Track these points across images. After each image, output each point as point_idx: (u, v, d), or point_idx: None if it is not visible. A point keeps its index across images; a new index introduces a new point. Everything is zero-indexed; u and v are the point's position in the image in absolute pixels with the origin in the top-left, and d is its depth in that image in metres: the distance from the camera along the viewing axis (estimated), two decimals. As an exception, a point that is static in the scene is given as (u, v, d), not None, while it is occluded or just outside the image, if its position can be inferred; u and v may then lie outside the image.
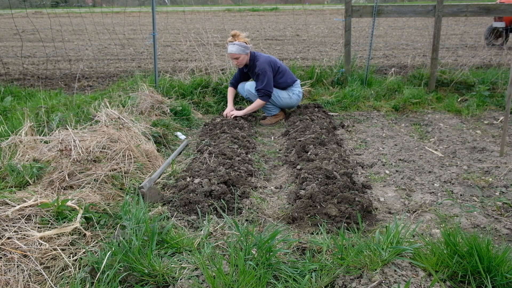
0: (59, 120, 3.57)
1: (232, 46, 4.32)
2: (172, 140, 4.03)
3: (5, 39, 14.04)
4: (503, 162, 3.32)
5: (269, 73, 4.40)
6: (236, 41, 4.31)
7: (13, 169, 2.71)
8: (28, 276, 1.80)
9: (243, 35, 4.39)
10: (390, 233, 1.95)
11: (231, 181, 2.86)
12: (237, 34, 4.35)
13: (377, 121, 4.67)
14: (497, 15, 5.67)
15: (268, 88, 4.40)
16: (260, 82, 4.40)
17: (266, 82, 4.38)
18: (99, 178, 2.68)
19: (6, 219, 2.06)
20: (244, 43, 4.34)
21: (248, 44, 4.38)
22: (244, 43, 4.33)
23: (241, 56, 4.38)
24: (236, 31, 4.38)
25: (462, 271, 1.79)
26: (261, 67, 4.38)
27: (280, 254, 2.01)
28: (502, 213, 2.54)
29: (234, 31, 4.38)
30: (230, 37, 4.36)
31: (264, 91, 4.40)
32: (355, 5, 5.48)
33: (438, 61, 5.58)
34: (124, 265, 1.85)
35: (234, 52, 4.34)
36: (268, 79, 4.39)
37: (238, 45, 4.30)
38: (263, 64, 4.39)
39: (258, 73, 4.39)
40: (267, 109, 4.72)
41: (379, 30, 14.32)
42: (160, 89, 5.17)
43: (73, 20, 15.95)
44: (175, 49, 11.73)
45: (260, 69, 4.37)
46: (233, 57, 4.41)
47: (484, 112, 4.92)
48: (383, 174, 3.20)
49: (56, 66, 8.71)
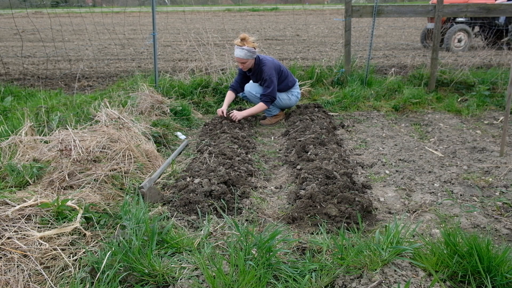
0: (59, 120, 3.57)
1: (241, 51, 4.26)
2: (172, 140, 4.03)
3: (5, 39, 14.04)
4: (503, 162, 3.32)
5: (275, 79, 4.42)
6: (245, 46, 4.25)
7: (13, 169, 2.71)
8: (28, 276, 1.80)
9: (252, 39, 4.33)
10: (390, 233, 1.95)
11: (231, 181, 2.86)
12: (246, 38, 4.28)
13: (377, 121, 4.67)
14: (497, 15, 5.67)
15: (274, 95, 4.42)
16: (267, 88, 4.39)
17: (272, 89, 4.39)
18: (99, 178, 2.68)
19: (6, 219, 2.06)
20: (253, 48, 4.29)
21: (255, 49, 4.34)
22: (252, 48, 4.28)
23: (248, 61, 4.36)
24: (245, 35, 4.30)
25: (462, 271, 1.79)
26: (268, 73, 4.37)
27: (280, 254, 2.01)
28: (502, 213, 2.54)
29: (244, 35, 4.30)
30: (239, 40, 4.28)
31: (270, 97, 4.41)
32: (355, 5, 5.48)
33: (438, 61, 5.59)
34: (124, 265, 1.85)
35: (242, 57, 4.30)
36: (274, 85, 4.41)
37: (247, 50, 4.25)
38: (270, 70, 4.38)
39: (266, 78, 4.38)
40: (268, 110, 4.73)
41: (379, 30, 14.32)
42: (160, 89, 5.17)
43: (73, 20, 15.94)
44: (175, 49, 11.72)
45: (267, 75, 4.37)
46: (240, 61, 4.36)
47: (484, 112, 4.92)
48: (383, 174, 3.20)
49: (56, 66, 8.72)
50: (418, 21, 14.93)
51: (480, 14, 5.38)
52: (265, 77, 4.38)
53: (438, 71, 5.64)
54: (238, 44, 4.29)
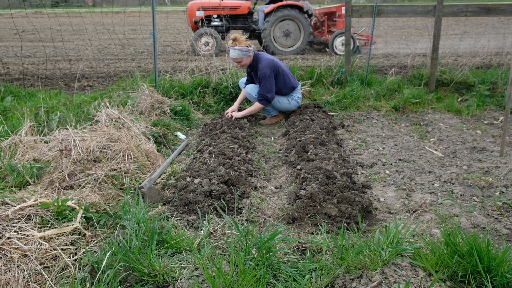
0: (59, 120, 3.57)
1: (233, 51, 4.31)
2: (172, 140, 4.03)
3: (5, 39, 14.05)
4: (503, 162, 3.32)
5: (270, 78, 4.40)
6: (237, 46, 4.30)
7: (13, 169, 2.71)
8: (28, 276, 1.80)
9: (243, 38, 4.36)
10: (390, 233, 1.95)
11: (231, 181, 2.86)
12: (237, 38, 4.32)
13: (377, 121, 4.67)
14: (497, 15, 5.66)
15: (268, 93, 4.41)
16: (263, 87, 4.41)
17: (267, 87, 4.39)
18: (99, 178, 2.68)
19: (6, 219, 2.06)
20: (245, 46, 4.32)
21: (249, 47, 4.35)
22: (245, 47, 4.30)
23: (243, 60, 4.37)
24: (236, 35, 4.34)
25: (462, 271, 1.79)
26: (262, 71, 4.38)
27: (280, 254, 2.01)
28: (502, 213, 2.54)
29: (234, 35, 4.34)
30: (231, 41, 4.34)
31: (263, 95, 4.41)
32: (355, 5, 5.48)
33: (438, 61, 5.58)
34: (124, 265, 1.84)
35: (235, 57, 4.35)
36: (269, 83, 4.40)
37: (239, 50, 4.29)
38: (265, 68, 4.38)
39: (260, 77, 4.40)
40: (267, 111, 4.74)
41: (379, 30, 14.32)
42: (160, 89, 5.17)
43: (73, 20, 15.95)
44: (175, 49, 11.72)
45: (261, 73, 4.38)
46: (235, 61, 4.42)
47: (484, 112, 4.92)
48: (383, 174, 3.20)
49: (56, 66, 8.72)
50: (418, 21, 14.93)
51: (480, 14, 5.38)
52: (259, 75, 4.41)
53: (438, 71, 5.64)
54: (230, 45, 4.35)
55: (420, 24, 13.97)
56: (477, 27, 13.07)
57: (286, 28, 10.27)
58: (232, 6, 10.58)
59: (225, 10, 10.56)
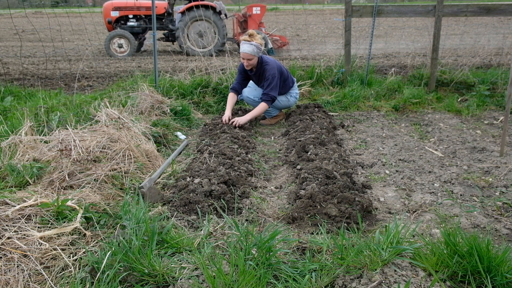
0: (59, 120, 3.57)
1: (249, 46, 4.13)
2: (172, 140, 4.03)
3: (5, 39, 14.05)
4: (503, 162, 3.32)
5: (277, 79, 4.35)
6: (253, 41, 4.13)
7: (13, 169, 2.71)
8: (28, 276, 1.80)
9: (259, 36, 4.24)
10: (390, 233, 1.95)
11: (231, 181, 2.86)
12: (254, 34, 4.17)
13: (377, 121, 4.67)
14: (497, 15, 5.66)
15: (275, 94, 4.34)
16: (268, 87, 4.32)
17: (274, 88, 4.33)
18: (99, 178, 2.68)
19: (6, 219, 2.06)
20: (260, 44, 4.20)
21: (262, 47, 4.27)
22: (260, 45, 4.19)
23: (254, 58, 4.24)
24: (253, 31, 4.21)
25: (462, 271, 1.79)
26: (271, 72, 4.30)
27: (280, 254, 2.01)
28: (502, 213, 2.54)
29: (252, 31, 4.21)
30: (247, 36, 4.17)
31: (271, 96, 4.32)
32: (355, 5, 5.48)
33: (438, 61, 5.59)
34: (124, 265, 1.84)
35: (249, 53, 4.15)
36: (276, 85, 4.35)
37: (255, 46, 4.13)
38: (274, 69, 4.32)
39: (268, 78, 4.31)
40: (267, 111, 4.70)
41: (379, 30, 14.32)
42: (160, 89, 5.17)
43: (72, 20, 15.94)
44: (175, 49, 11.72)
45: (271, 74, 4.30)
46: (247, 57, 4.21)
47: (484, 112, 4.92)
48: (383, 174, 3.20)
49: (56, 66, 8.71)
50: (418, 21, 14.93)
51: (480, 14, 5.38)
52: (268, 76, 4.31)
53: (438, 71, 5.64)
54: (246, 39, 4.16)
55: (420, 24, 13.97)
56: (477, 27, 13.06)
57: (199, 29, 10.15)
58: (147, 7, 10.40)
59: (141, 10, 10.42)
